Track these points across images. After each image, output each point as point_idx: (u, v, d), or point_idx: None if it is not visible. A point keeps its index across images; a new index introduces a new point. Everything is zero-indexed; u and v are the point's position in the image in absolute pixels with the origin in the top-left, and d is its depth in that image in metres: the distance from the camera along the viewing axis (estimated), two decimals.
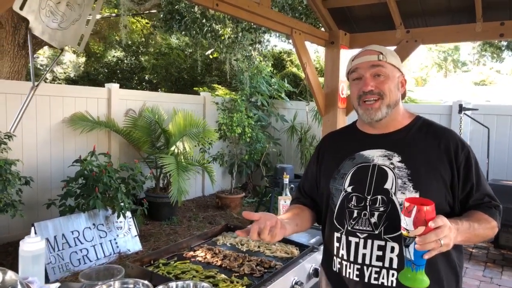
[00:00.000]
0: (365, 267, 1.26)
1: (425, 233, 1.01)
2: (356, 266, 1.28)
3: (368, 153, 1.34)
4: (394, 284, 1.23)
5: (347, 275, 1.30)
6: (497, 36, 3.41)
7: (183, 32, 5.59)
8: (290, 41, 4.00)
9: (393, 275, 1.23)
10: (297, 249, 2.10)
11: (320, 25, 4.65)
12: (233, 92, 7.50)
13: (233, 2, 2.94)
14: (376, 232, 1.25)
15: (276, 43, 13.50)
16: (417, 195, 1.23)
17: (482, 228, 1.21)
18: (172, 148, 5.13)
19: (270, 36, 7.44)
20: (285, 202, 2.63)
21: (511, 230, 4.40)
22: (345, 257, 1.30)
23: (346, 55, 4.03)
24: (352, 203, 1.30)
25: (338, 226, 1.33)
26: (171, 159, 4.81)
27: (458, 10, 3.51)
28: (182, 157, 5.08)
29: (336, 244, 1.33)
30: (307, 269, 1.97)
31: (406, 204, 1.05)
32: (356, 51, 1.43)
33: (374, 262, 1.25)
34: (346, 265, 1.30)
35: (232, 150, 6.52)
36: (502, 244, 4.59)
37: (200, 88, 7.91)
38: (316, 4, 3.83)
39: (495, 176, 5.24)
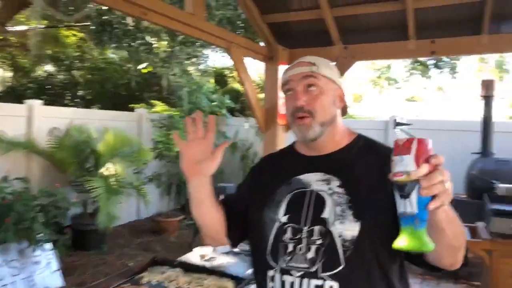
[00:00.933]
0: None
1: (430, 171, 0.80)
2: None
3: (305, 177, 1.17)
4: None
5: None
6: (428, 54, 3.49)
7: (113, 45, 5.22)
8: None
9: None
10: (232, 282, 1.87)
11: (260, 40, 4.55)
12: (173, 109, 7.18)
13: (164, 12, 2.71)
14: (313, 269, 1.06)
15: (216, 58, 13.37)
16: (357, 225, 1.06)
17: (460, 224, 0.98)
18: (102, 170, 4.70)
19: (211, 51, 7.27)
20: None
21: None
22: None
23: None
24: (287, 235, 1.11)
25: (272, 262, 1.13)
26: (100, 182, 4.39)
27: (392, 27, 3.56)
28: (113, 179, 4.67)
29: (270, 284, 1.13)
30: None
31: (400, 141, 0.84)
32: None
33: None
34: None
35: (170, 170, 6.17)
36: None
37: (137, 105, 7.49)
38: (255, 18, 3.71)
39: None
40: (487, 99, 4.71)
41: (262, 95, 4.66)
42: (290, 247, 1.10)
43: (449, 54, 4.71)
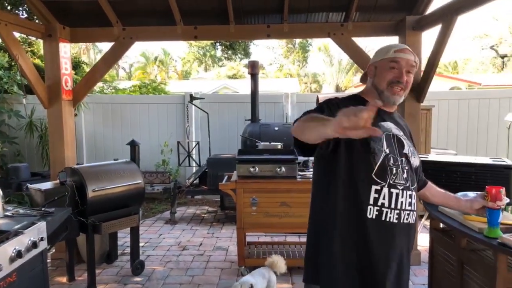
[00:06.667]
0: (402, 212, 1.59)
1: None
2: (396, 211, 1.57)
3: (386, 124, 1.66)
4: (412, 221, 1.64)
5: (388, 219, 1.57)
6: (192, 38, 4.19)
7: None
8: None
9: (413, 215, 1.64)
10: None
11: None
12: None
13: None
14: (407, 184, 1.61)
15: None
16: (417, 159, 1.73)
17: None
18: None
19: None
20: None
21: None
22: (386, 205, 1.56)
23: (66, 49, 4.08)
24: (391, 162, 1.59)
25: (379, 180, 1.57)
26: None
27: (163, 14, 4.08)
28: None
29: (374, 195, 1.56)
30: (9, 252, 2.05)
31: (503, 191, 1.77)
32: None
33: (407, 207, 1.60)
34: (386, 212, 1.56)
35: None
36: (226, 206, 5.63)
37: None
38: None
39: (216, 152, 6.37)
40: (253, 76, 5.83)
41: None
42: (394, 170, 1.59)
43: (208, 38, 5.58)
